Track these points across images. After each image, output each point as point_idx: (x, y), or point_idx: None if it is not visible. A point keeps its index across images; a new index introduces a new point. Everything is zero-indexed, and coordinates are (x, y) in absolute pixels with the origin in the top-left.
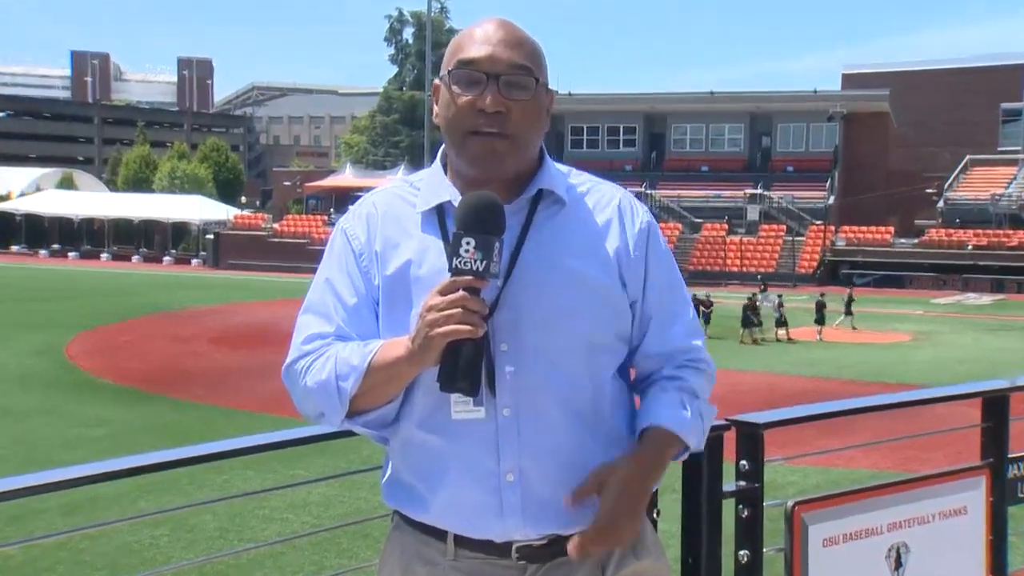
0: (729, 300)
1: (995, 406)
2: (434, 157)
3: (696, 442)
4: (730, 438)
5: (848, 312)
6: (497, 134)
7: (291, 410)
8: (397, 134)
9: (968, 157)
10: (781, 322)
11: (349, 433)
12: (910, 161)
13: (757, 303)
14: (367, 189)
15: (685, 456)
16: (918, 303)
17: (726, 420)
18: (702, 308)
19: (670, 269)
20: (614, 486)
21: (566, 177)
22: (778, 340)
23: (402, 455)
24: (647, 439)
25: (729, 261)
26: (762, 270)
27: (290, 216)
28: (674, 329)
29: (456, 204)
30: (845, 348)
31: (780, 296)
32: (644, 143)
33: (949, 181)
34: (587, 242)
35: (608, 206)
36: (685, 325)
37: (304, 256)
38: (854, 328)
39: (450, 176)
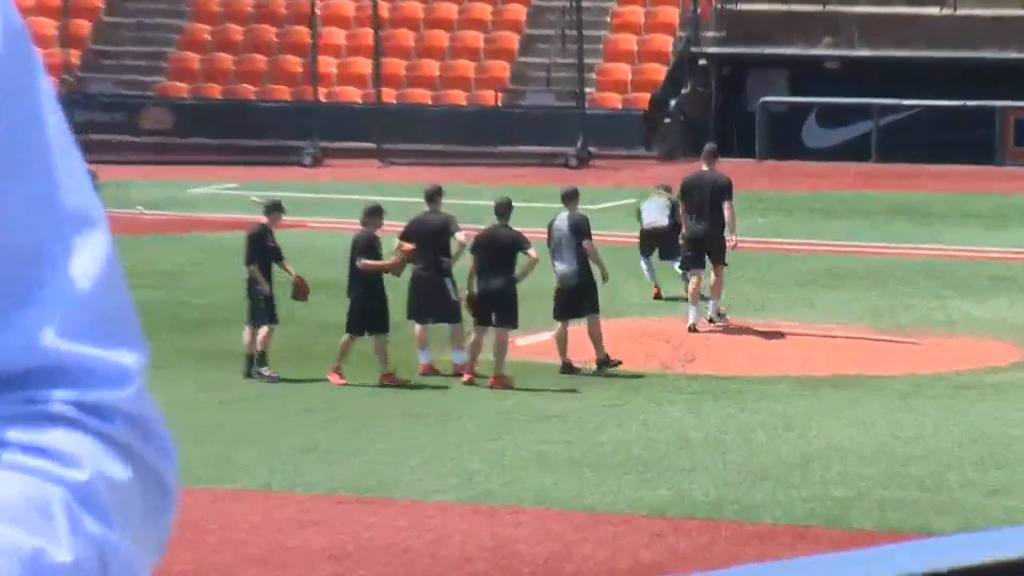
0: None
1: None
2: None
3: None
4: None
5: (668, 244)
6: None
7: None
8: None
9: None
10: (577, 296)
11: None
12: None
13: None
14: None
15: None
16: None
17: None
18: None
19: (29, 114)
20: None
21: None
22: (588, 368)
23: None
24: None
25: (322, 70)
26: (462, 102)
27: None
28: (26, 306)
29: None
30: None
31: (570, 218)
32: None
33: None
34: None
35: None
36: (62, 295)
37: None
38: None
39: None
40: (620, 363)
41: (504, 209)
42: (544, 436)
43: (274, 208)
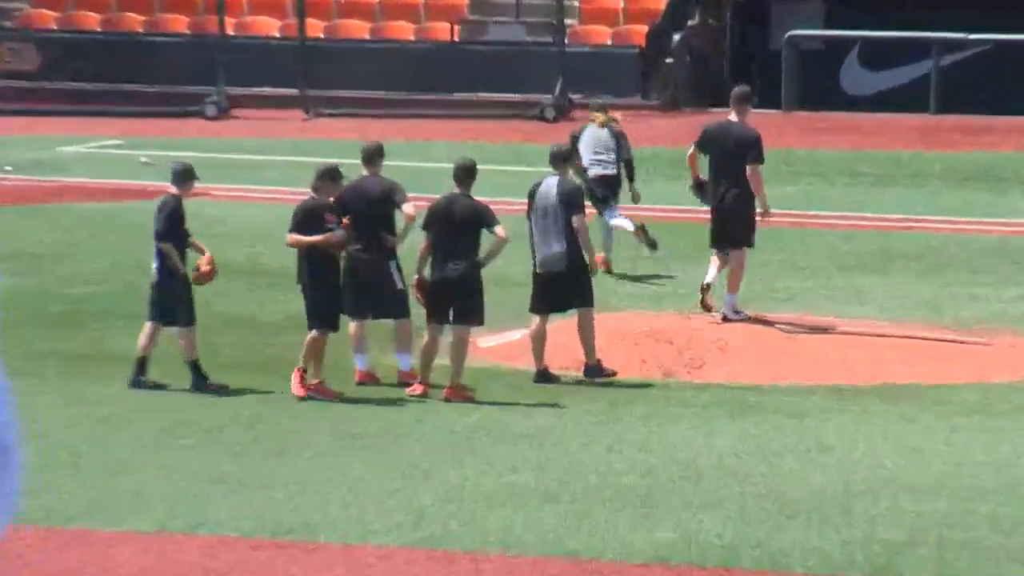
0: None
1: None
2: None
3: None
4: None
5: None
6: None
7: None
8: None
9: None
10: (564, 285)
11: None
12: None
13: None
14: None
15: None
16: None
17: None
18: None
19: None
20: None
21: None
22: (569, 375)
23: None
24: None
25: None
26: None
27: None
28: None
29: None
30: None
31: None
32: None
33: None
34: None
35: None
36: None
37: None
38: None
39: None
40: (615, 374)
41: (464, 174)
42: (514, 462)
43: (186, 175)
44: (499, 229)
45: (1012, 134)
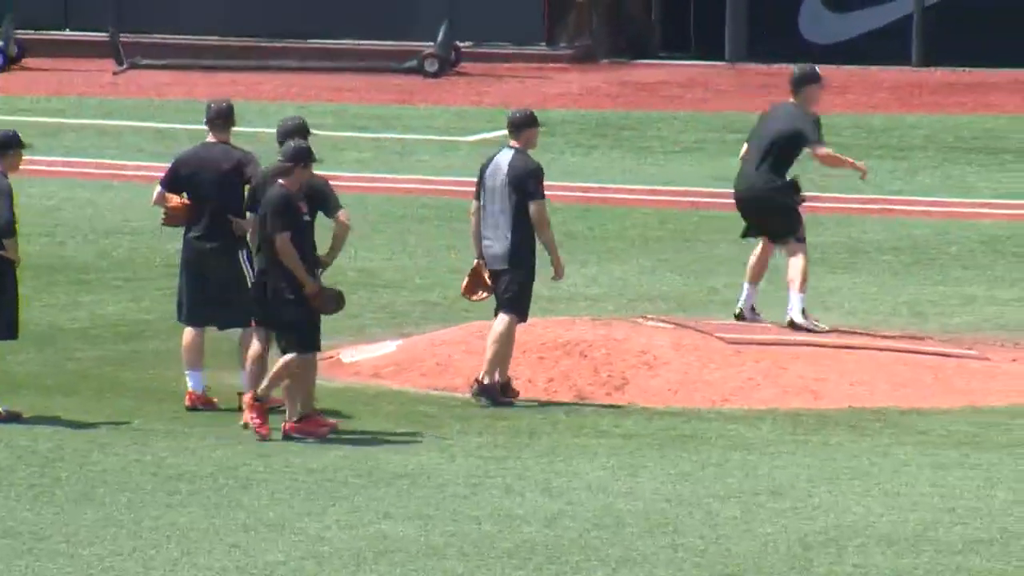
0: None
1: None
2: None
3: None
4: None
5: None
6: None
7: None
8: None
9: None
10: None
11: None
12: None
13: None
14: None
15: None
16: None
17: None
18: None
19: None
20: None
21: None
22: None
23: None
24: None
25: None
26: None
27: None
28: None
29: None
30: None
31: None
32: None
33: None
34: None
35: None
36: None
37: None
38: None
39: None
40: (515, 397)
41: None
42: (387, 508)
43: (13, 144)
44: (341, 214)
45: (1015, 92)
